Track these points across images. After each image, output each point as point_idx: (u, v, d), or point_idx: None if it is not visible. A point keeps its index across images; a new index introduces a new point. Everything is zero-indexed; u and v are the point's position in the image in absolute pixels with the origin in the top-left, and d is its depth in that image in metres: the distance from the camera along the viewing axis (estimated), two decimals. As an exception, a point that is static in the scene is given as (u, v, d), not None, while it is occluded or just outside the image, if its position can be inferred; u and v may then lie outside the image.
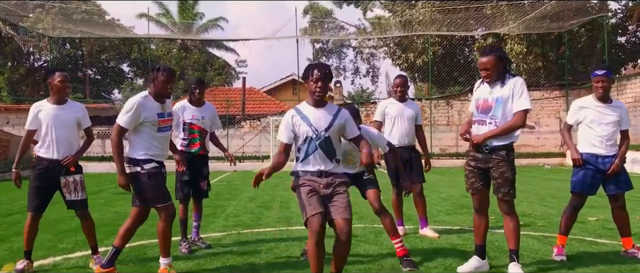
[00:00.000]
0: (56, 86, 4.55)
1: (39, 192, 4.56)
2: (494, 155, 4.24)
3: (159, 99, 4.27)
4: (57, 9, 28.67)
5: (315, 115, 3.73)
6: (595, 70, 4.81)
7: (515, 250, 4.23)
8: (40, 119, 4.57)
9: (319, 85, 3.69)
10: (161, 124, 4.28)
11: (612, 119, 4.78)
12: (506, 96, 4.17)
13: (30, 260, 4.62)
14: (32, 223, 4.62)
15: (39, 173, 4.58)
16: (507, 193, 4.24)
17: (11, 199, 10.69)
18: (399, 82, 5.92)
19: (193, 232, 5.53)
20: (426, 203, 6.09)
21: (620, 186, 4.84)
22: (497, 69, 4.20)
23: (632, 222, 6.29)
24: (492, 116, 4.23)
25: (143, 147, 4.23)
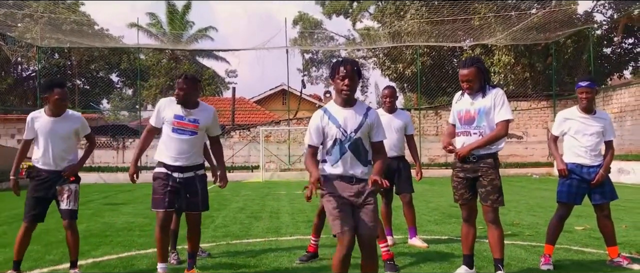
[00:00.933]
0: (54, 102, 4.54)
1: (37, 202, 4.56)
2: (481, 163, 4.30)
3: (184, 104, 4.39)
4: (46, 18, 28.59)
5: (343, 115, 3.48)
6: (580, 82, 4.90)
7: (500, 259, 4.27)
8: (37, 130, 4.55)
9: (346, 83, 3.44)
10: (176, 125, 4.36)
11: (596, 130, 4.87)
12: (488, 106, 4.24)
13: (18, 271, 4.58)
14: (25, 234, 4.60)
15: (37, 184, 4.57)
16: (497, 200, 4.29)
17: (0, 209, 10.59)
18: (387, 93, 5.96)
19: None
20: (415, 213, 6.12)
21: (605, 196, 4.90)
22: (478, 80, 4.26)
23: (618, 231, 6.39)
24: (477, 126, 4.29)
25: (160, 149, 4.41)
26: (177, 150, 4.34)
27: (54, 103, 4.53)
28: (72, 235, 4.69)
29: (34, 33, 25.95)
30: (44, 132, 4.54)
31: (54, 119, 4.57)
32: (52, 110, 4.58)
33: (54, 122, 4.57)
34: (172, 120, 4.34)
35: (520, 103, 22.44)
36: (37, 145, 4.62)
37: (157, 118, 4.45)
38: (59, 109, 4.57)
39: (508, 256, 5.24)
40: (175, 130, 4.34)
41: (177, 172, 4.32)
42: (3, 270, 4.91)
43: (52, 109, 4.57)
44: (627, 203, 10.30)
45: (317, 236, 5.22)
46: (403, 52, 25.94)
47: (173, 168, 4.32)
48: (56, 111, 4.57)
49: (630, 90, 18.88)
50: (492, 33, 21.71)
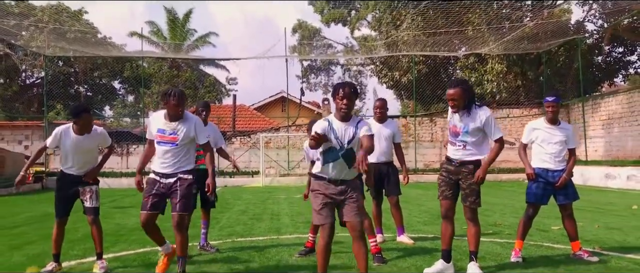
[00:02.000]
0: (82, 125, 5.19)
1: (63, 199, 5.22)
2: (463, 168, 4.93)
3: (171, 118, 4.83)
4: (50, 27, 29.26)
5: (341, 128, 4.13)
6: (547, 97, 5.56)
7: (475, 251, 4.90)
8: (64, 144, 5.19)
9: (345, 102, 4.09)
10: (159, 138, 4.84)
11: (560, 139, 5.51)
12: (472, 127, 4.85)
13: (58, 262, 5.21)
14: (59, 228, 5.23)
15: (62, 184, 5.22)
16: (474, 202, 4.92)
17: (12, 213, 11.20)
18: (378, 105, 6.60)
19: (202, 238, 6.16)
20: (402, 213, 6.75)
21: (568, 197, 5.54)
22: (463, 100, 4.85)
23: (590, 230, 7.07)
24: (460, 141, 4.93)
25: (154, 158, 4.94)
26: (162, 158, 4.85)
27: (82, 126, 5.20)
28: (96, 229, 5.33)
29: (40, 41, 26.58)
30: (71, 147, 5.21)
31: (80, 137, 5.23)
32: (79, 130, 5.22)
33: (80, 140, 5.24)
34: (156, 133, 4.86)
35: (512, 110, 23.11)
36: (64, 155, 5.27)
37: (148, 132, 4.98)
38: (86, 130, 5.23)
39: (485, 251, 5.89)
40: (159, 143, 4.85)
41: (163, 178, 4.84)
42: (35, 262, 5.52)
43: (80, 129, 5.21)
44: (607, 206, 10.96)
45: (314, 233, 5.84)
46: (400, 60, 26.60)
47: (161, 175, 4.85)
48: (83, 131, 5.22)
49: (618, 98, 19.52)
50: (486, 42, 22.38)
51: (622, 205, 11.17)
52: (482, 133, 4.91)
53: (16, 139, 23.47)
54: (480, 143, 4.93)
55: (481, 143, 4.94)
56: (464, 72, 25.80)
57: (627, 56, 25.85)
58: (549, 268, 5.09)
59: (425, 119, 23.69)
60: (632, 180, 16.09)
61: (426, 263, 5.29)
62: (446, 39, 22.90)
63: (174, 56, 30.74)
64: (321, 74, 43.53)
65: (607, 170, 17.51)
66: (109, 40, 34.55)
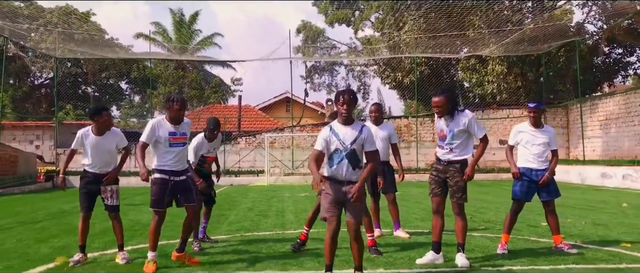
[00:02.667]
0: (101, 124, 5.70)
1: (86, 196, 5.74)
2: (450, 167, 5.44)
3: (176, 121, 5.42)
4: (59, 29, 29.84)
5: (343, 131, 4.55)
6: (529, 103, 6.05)
7: (462, 243, 5.39)
8: (85, 144, 5.70)
9: (345, 108, 4.54)
10: (172, 140, 5.40)
11: (543, 141, 5.99)
12: (456, 130, 5.38)
13: (84, 253, 5.72)
14: (83, 222, 5.74)
15: (86, 183, 5.75)
16: (460, 198, 5.41)
17: (31, 210, 11.77)
18: (374, 109, 7.13)
19: (201, 231, 6.67)
20: (398, 209, 7.25)
21: (550, 194, 6.01)
22: (446, 106, 5.39)
23: (576, 225, 7.55)
24: (447, 143, 5.45)
25: (157, 160, 5.43)
26: (173, 159, 5.40)
27: (101, 125, 5.70)
28: (117, 224, 5.85)
29: (49, 43, 27.19)
30: (92, 146, 5.72)
31: (99, 137, 5.74)
32: (98, 130, 5.73)
33: (100, 139, 5.75)
34: (168, 137, 5.38)
35: (512, 111, 23.56)
36: (86, 154, 5.78)
37: (150, 136, 5.36)
38: (105, 130, 5.74)
39: (475, 244, 6.38)
40: (172, 145, 5.39)
41: (173, 176, 5.40)
42: (62, 254, 6.04)
43: (98, 129, 5.72)
44: (599, 204, 11.39)
45: (309, 227, 6.31)
46: (402, 62, 27.08)
47: (171, 173, 5.39)
48: (102, 131, 5.73)
49: (615, 99, 19.94)
50: (486, 44, 22.82)
51: (613, 203, 11.61)
52: (466, 134, 5.42)
53: (28, 139, 24.07)
54: (466, 144, 5.45)
55: (466, 144, 5.45)
56: (465, 73, 26.26)
57: (626, 57, 26.24)
58: (530, 258, 5.57)
59: (427, 119, 24.16)
60: (627, 180, 16.52)
61: (419, 255, 5.76)
62: (448, 41, 23.34)
63: (182, 58, 31.31)
64: (325, 74, 44.07)
65: (604, 170, 17.95)
66: (116, 42, 35.19)
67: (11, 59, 30.87)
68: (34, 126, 24.87)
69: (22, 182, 19.60)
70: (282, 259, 5.72)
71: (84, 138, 5.76)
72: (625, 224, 8.13)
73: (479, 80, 24.82)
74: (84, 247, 5.77)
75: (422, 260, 5.43)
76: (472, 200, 12.98)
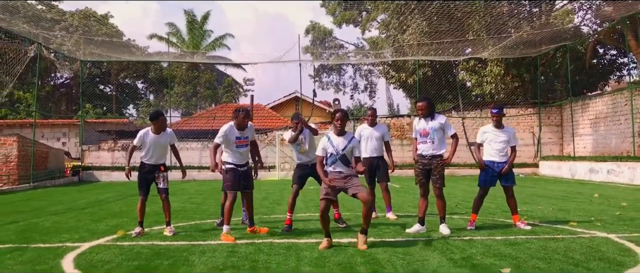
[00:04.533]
0: (158, 126, 7.19)
1: (144, 182, 7.24)
2: (433, 160, 6.95)
3: (242, 127, 7.01)
4: (80, 31, 31.54)
5: (337, 141, 6.18)
6: (492, 109, 7.52)
7: (443, 217, 6.94)
8: (145, 141, 7.20)
9: (338, 124, 6.20)
10: (238, 143, 7.01)
11: (503, 139, 7.45)
12: (436, 127, 6.97)
13: (142, 227, 7.24)
14: (142, 203, 7.23)
15: (144, 172, 7.24)
16: (440, 184, 6.96)
17: (71, 199, 13.36)
18: (370, 113, 8.64)
19: (243, 215, 8.10)
20: (390, 196, 8.72)
21: (508, 181, 7.48)
22: (428, 110, 7.00)
23: (545, 211, 8.93)
24: (430, 138, 6.98)
25: (228, 155, 7.00)
26: (240, 156, 7.05)
27: (158, 126, 7.20)
28: (167, 204, 7.35)
29: (71, 45, 28.83)
30: (151, 144, 7.22)
31: (157, 135, 7.25)
32: (156, 130, 7.24)
33: (157, 137, 7.26)
34: (235, 140, 7.00)
35: (509, 110, 24.86)
36: (145, 150, 7.28)
37: (223, 139, 6.96)
38: (161, 130, 7.25)
39: (452, 224, 7.82)
40: (239, 146, 7.01)
41: (240, 167, 7.03)
42: (116, 230, 7.56)
43: (156, 129, 7.22)
44: (575, 195, 12.80)
45: (291, 212, 7.68)
46: (406, 63, 28.47)
47: (239, 165, 7.02)
48: (159, 131, 7.24)
49: (603, 100, 21.25)
50: (485, 46, 24.15)
51: (588, 194, 13.01)
52: (442, 132, 7.01)
53: (55, 136, 25.78)
54: (441, 141, 7.02)
55: (442, 141, 7.03)
56: (465, 74, 27.62)
57: (621, 58, 27.41)
58: (490, 231, 7.05)
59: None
60: (611, 174, 17.87)
61: (404, 229, 7.25)
62: (449, 43, 24.66)
63: (197, 60, 32.85)
64: (333, 73, 45.52)
65: (591, 165, 19.31)
66: (133, 43, 36.87)
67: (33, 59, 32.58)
68: (60, 124, 26.58)
69: (52, 176, 21.26)
70: (293, 233, 7.23)
71: (144, 136, 7.27)
72: (584, 210, 9.55)
73: (478, 81, 26.16)
74: (142, 223, 7.29)
75: (411, 230, 6.99)
76: (460, 191, 14.42)
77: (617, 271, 4.70)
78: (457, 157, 22.93)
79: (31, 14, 27.25)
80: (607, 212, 9.08)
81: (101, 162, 24.46)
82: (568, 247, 5.88)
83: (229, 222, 6.93)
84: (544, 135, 24.66)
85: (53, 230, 7.69)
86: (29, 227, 8.05)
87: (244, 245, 6.27)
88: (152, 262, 5.30)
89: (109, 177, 23.56)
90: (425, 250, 5.77)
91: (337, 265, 5.06)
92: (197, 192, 15.35)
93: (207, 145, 23.03)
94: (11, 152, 18.77)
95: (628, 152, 18.66)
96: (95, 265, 5.23)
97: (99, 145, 24.69)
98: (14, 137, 19.23)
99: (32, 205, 11.99)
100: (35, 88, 35.24)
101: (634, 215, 8.62)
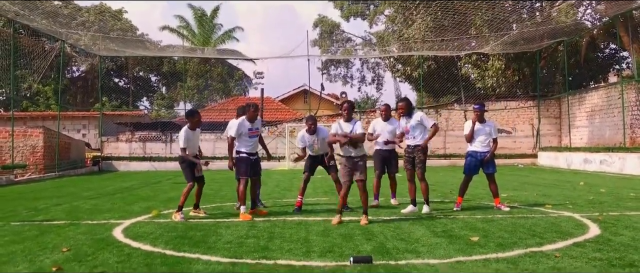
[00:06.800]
0: (195, 122, 8.22)
1: (190, 171, 8.15)
2: (415, 149, 8.16)
3: (253, 120, 8.10)
4: (96, 27, 32.77)
5: (344, 126, 7.34)
6: (474, 105, 8.60)
7: (427, 199, 8.06)
8: (187, 138, 8.11)
9: (346, 112, 7.40)
10: (250, 134, 8.11)
11: (485, 131, 8.52)
12: (415, 123, 8.20)
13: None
14: (188, 189, 8.05)
15: (188, 163, 8.16)
16: (423, 168, 8.11)
17: (100, 187, 14.58)
18: (383, 108, 9.30)
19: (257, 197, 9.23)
20: (396, 185, 9.60)
21: (489, 169, 8.56)
22: (407, 109, 8.30)
23: (529, 196, 9.97)
24: (410, 134, 8.25)
25: (241, 144, 8.07)
26: (252, 145, 8.12)
27: (195, 123, 8.23)
28: (200, 190, 8.41)
29: (87, 40, 30.04)
30: (189, 137, 8.18)
31: (192, 131, 8.26)
32: (193, 127, 8.26)
33: (194, 133, 8.27)
34: (248, 131, 8.08)
35: (509, 103, 25.87)
36: (188, 144, 8.20)
37: (237, 131, 7.99)
38: (197, 126, 8.31)
39: (444, 207, 8.94)
40: (250, 136, 8.10)
41: (252, 156, 8.12)
42: (149, 211, 8.71)
43: (192, 126, 8.25)
44: (563, 183, 13.83)
45: (302, 195, 8.82)
46: (411, 56, 29.44)
47: (250, 154, 8.10)
48: (195, 127, 8.29)
49: (599, 93, 22.19)
50: (487, 41, 25.08)
51: (574, 182, 14.04)
52: (421, 126, 8.21)
53: (75, 128, 27.09)
54: (421, 133, 8.22)
55: (422, 133, 8.23)
56: (469, 68, 28.57)
57: (620, 52, 28.21)
58: (472, 212, 8.15)
59: (431, 110, 26.56)
60: (604, 164, 18.87)
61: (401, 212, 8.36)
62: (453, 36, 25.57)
63: (208, 55, 33.99)
64: (340, 66, 46.48)
65: (586, 156, 20.30)
66: (146, 37, 38.08)
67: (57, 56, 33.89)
68: (80, 117, 27.87)
69: (74, 166, 22.58)
70: (304, 214, 8.38)
71: (185, 133, 8.06)
72: (564, 195, 10.61)
73: (480, 75, 27.12)
74: (181, 208, 8.23)
75: (405, 210, 8.14)
76: (457, 180, 15.42)
77: (564, 239, 5.79)
78: (458, 148, 24.00)
79: (49, 10, 28.45)
80: (582, 197, 10.14)
81: (119, 152, 25.75)
82: (534, 223, 6.97)
83: (244, 202, 8.03)
84: (543, 127, 25.62)
85: (95, 211, 8.89)
86: (73, 209, 9.26)
87: (262, 222, 7.41)
88: (188, 233, 6.46)
89: (127, 166, 24.85)
90: (413, 225, 6.90)
91: (339, 236, 6.19)
92: (213, 181, 16.52)
93: (219, 136, 24.17)
94: (38, 143, 20.07)
95: (620, 143, 19.62)
96: (141, 235, 6.39)
97: (117, 137, 25.97)
98: (39, 129, 20.52)
99: (65, 191, 13.24)
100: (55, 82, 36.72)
101: (604, 199, 9.69)
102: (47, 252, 5.49)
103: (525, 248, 5.31)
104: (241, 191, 8.05)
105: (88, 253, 5.37)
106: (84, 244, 5.85)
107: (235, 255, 5.20)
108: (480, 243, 5.64)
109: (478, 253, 5.14)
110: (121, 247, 5.66)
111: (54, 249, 5.61)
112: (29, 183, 16.61)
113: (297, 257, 5.07)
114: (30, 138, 20.05)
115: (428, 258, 4.97)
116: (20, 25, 21.72)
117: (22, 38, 22.38)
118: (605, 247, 5.36)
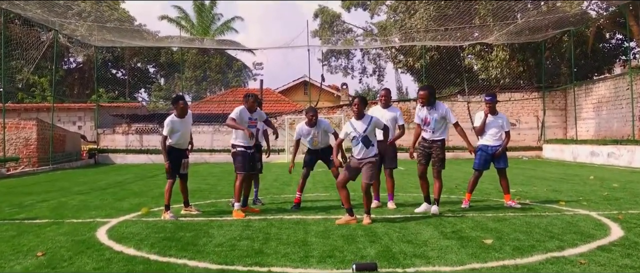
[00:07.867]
0: (181, 109, 7.64)
1: (175, 166, 7.60)
2: (433, 145, 7.49)
3: (252, 111, 7.66)
4: (93, 17, 32.13)
5: (357, 124, 6.73)
6: (485, 97, 8.06)
7: (438, 199, 7.44)
8: (172, 127, 7.56)
9: (356, 109, 6.75)
10: (250, 123, 7.65)
11: (497, 124, 8.00)
12: (437, 116, 7.41)
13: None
14: (170, 186, 7.50)
15: (173, 156, 7.58)
16: (440, 166, 7.47)
17: (94, 180, 14.12)
18: (383, 94, 8.64)
19: (255, 194, 8.75)
20: (394, 184, 8.97)
21: (501, 164, 8.05)
22: (429, 98, 7.44)
23: (539, 191, 9.50)
24: (430, 127, 7.48)
25: (239, 137, 7.59)
26: (250, 137, 7.57)
27: (180, 110, 7.68)
28: (184, 187, 7.92)
29: (84, 30, 29.44)
30: (177, 127, 7.63)
31: (181, 120, 7.71)
32: (179, 114, 7.73)
33: (182, 121, 7.70)
34: (248, 121, 7.62)
35: (513, 94, 25.32)
36: (172, 135, 7.66)
37: (240, 119, 7.54)
38: (184, 114, 7.76)
39: (452, 202, 8.44)
40: (249, 126, 7.59)
41: (249, 149, 7.64)
42: (138, 209, 8.23)
43: (179, 114, 7.73)
44: (571, 177, 13.34)
45: (301, 192, 8.32)
46: (413, 47, 28.87)
47: (248, 147, 7.62)
48: (181, 115, 7.75)
49: (606, 84, 21.63)
50: (491, 31, 24.50)
51: (584, 176, 13.54)
52: (444, 121, 7.45)
53: (71, 120, 26.58)
54: (443, 127, 7.49)
55: (443, 127, 7.49)
56: (473, 59, 28.00)
57: (627, 42, 27.63)
58: (482, 209, 7.66)
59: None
60: (611, 157, 18.37)
61: (412, 209, 7.87)
62: (456, 27, 25.02)
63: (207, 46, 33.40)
64: (341, 57, 45.89)
65: (593, 149, 19.80)
66: (144, 28, 37.43)
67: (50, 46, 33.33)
68: (76, 108, 27.35)
69: (69, 158, 22.08)
70: (302, 211, 7.89)
71: (171, 122, 7.50)
72: (576, 191, 10.12)
73: (484, 66, 26.54)
74: (169, 207, 7.72)
75: (419, 209, 7.58)
76: (462, 173, 14.96)
77: (586, 242, 5.29)
78: (461, 140, 23.45)
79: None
80: (596, 193, 9.64)
81: (116, 145, 25.25)
82: (550, 222, 6.48)
83: (239, 199, 7.55)
84: (548, 119, 25.09)
85: (82, 208, 8.41)
86: (60, 205, 8.78)
87: (257, 220, 6.93)
88: (177, 234, 5.97)
89: (124, 159, 24.36)
90: (419, 225, 6.40)
91: (341, 237, 5.69)
92: (210, 174, 16.05)
93: (218, 128, 23.68)
94: (31, 135, 19.57)
95: (629, 136, 19.10)
96: (127, 236, 5.90)
97: (114, 129, 25.47)
98: (33, 121, 20.01)
99: (56, 185, 12.76)
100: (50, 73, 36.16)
101: (619, 196, 9.19)
102: (20, 256, 5.00)
103: (545, 253, 4.82)
104: (237, 187, 7.60)
105: (64, 257, 4.89)
106: (62, 247, 5.36)
107: (226, 260, 4.72)
108: (495, 246, 5.14)
109: (494, 259, 4.65)
110: (102, 251, 5.17)
111: (28, 253, 5.13)
112: (22, 177, 16.13)
113: (293, 263, 4.59)
114: (23, 131, 19.55)
115: (439, 265, 4.48)
116: (14, 14, 21.19)
117: (15, 27, 21.86)
118: (634, 252, 4.86)
